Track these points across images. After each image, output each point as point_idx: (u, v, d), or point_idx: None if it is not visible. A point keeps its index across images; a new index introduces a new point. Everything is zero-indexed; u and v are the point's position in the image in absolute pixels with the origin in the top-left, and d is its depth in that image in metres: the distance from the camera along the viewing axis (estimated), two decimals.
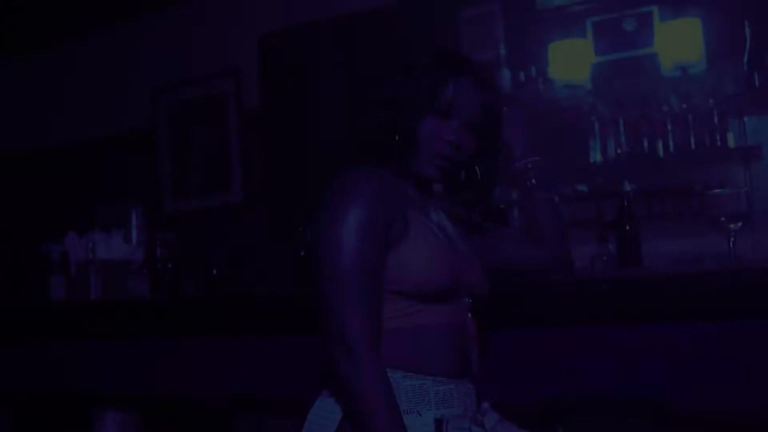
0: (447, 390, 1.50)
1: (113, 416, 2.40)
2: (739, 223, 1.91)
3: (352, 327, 1.41)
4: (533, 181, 1.84)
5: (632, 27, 3.81)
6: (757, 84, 3.45)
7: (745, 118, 3.58)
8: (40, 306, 2.68)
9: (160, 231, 2.62)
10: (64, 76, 5.24)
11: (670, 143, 3.64)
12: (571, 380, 1.83)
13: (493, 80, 1.67)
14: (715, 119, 3.57)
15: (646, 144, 3.68)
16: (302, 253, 2.48)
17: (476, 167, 1.64)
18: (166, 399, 2.31)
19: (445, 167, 1.58)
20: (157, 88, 4.77)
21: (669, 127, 3.64)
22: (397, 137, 1.56)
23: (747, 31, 3.48)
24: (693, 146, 3.59)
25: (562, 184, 3.79)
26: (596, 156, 3.79)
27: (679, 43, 3.63)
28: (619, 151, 3.75)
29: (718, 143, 3.56)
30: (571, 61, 3.82)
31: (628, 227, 2.18)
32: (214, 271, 2.55)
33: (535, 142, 1.86)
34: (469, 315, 1.57)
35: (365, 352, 1.40)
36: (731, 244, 1.93)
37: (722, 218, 1.91)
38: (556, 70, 3.84)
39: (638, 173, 3.72)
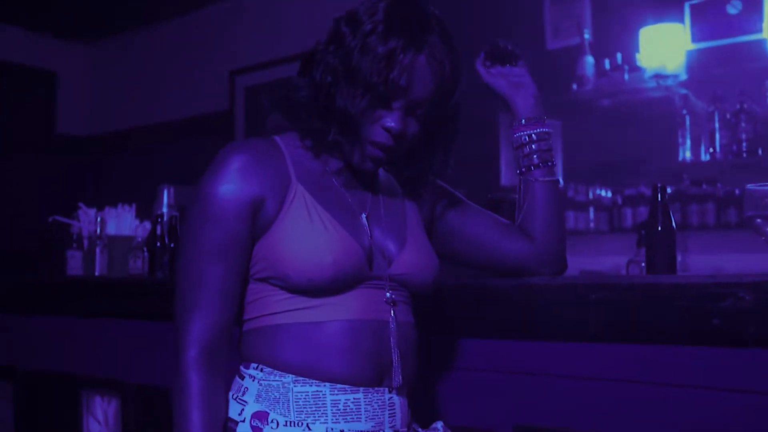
0: (351, 400, 1.24)
1: (100, 401, 2.28)
2: None
3: (183, 330, 1.22)
4: (534, 158, 1.49)
5: (737, 10, 3.35)
6: None
7: None
8: (39, 282, 2.60)
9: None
10: (146, 58, 5.29)
11: None
12: (529, 405, 1.51)
13: (455, 51, 1.25)
14: None
15: (744, 143, 3.23)
16: None
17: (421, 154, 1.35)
18: (146, 386, 2.16)
19: (379, 158, 1.28)
20: (234, 70, 4.69)
21: None
22: (328, 117, 1.26)
23: None
24: None
25: (645, 184, 3.40)
26: (686, 154, 3.37)
27: None
28: (712, 149, 3.31)
29: None
30: (663, 48, 3.42)
31: (660, 229, 1.82)
32: None
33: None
34: (392, 313, 1.29)
35: (192, 360, 1.21)
36: None
37: (758, 220, 1.53)
38: (645, 58, 3.45)
39: (733, 175, 3.27)
